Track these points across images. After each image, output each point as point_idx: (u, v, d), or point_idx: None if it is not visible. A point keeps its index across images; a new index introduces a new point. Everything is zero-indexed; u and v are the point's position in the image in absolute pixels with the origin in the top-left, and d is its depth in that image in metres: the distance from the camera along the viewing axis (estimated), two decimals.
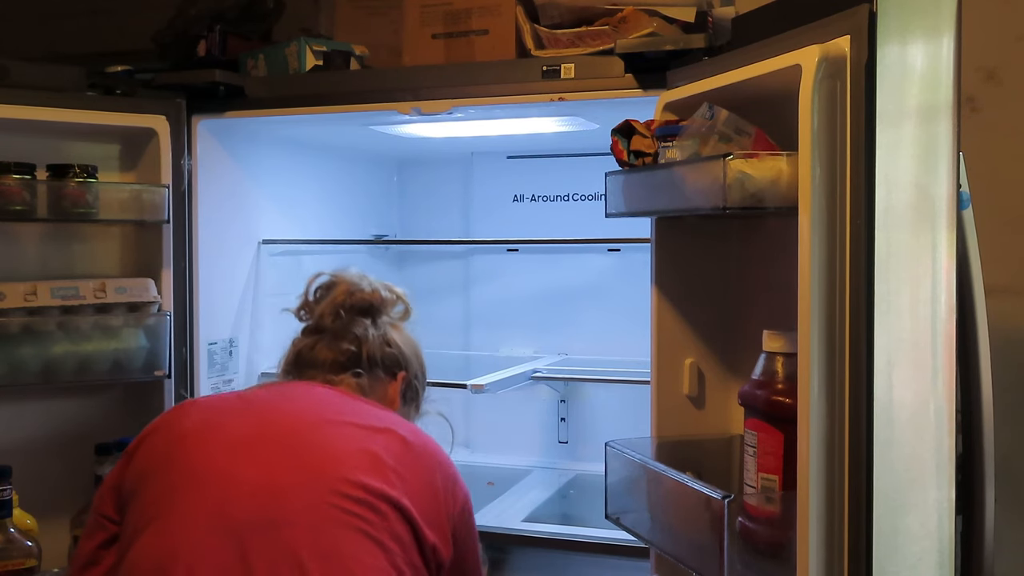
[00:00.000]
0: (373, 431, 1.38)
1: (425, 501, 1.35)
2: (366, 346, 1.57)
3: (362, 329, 1.58)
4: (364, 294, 1.63)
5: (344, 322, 1.59)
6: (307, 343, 1.59)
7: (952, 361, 1.19)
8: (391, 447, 1.36)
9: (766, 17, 1.39)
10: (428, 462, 1.40)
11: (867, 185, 1.17)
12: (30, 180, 1.77)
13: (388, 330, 1.63)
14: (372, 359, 1.57)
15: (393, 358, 1.61)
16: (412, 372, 1.64)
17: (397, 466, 1.34)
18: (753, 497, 1.34)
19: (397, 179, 2.75)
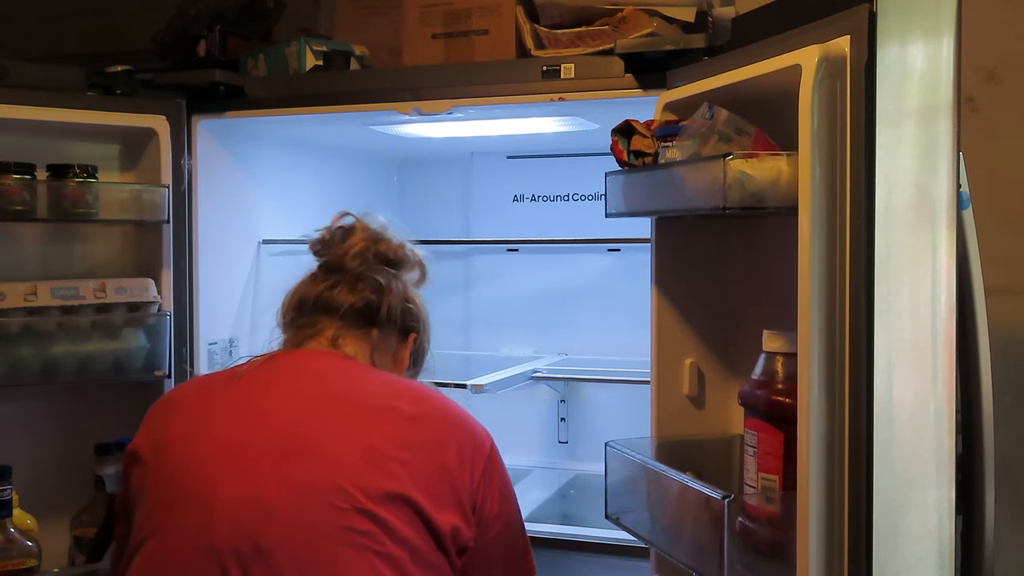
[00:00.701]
0: (372, 413, 1.28)
1: (435, 481, 1.24)
2: (388, 297, 1.45)
3: (386, 278, 1.47)
4: (391, 245, 1.52)
5: (368, 267, 1.48)
6: (326, 283, 1.46)
7: (952, 361, 1.19)
8: (391, 430, 1.26)
9: (766, 17, 1.39)
10: (436, 435, 1.29)
11: (867, 185, 1.17)
12: (30, 180, 1.77)
13: (408, 287, 1.53)
14: (391, 313, 1.45)
15: (411, 315, 1.50)
16: (423, 336, 1.55)
17: (398, 452, 1.23)
18: (753, 497, 1.34)
19: (397, 179, 2.75)
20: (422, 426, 1.29)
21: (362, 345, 1.44)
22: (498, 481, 1.33)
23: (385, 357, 1.47)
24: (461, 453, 1.28)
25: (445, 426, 1.31)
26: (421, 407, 1.31)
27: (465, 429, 1.32)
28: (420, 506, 1.21)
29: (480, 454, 1.31)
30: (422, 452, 1.26)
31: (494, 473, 1.33)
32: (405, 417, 1.28)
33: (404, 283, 1.51)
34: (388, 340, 1.47)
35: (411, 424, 1.28)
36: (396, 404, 1.30)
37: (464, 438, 1.30)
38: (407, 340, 1.51)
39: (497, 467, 1.34)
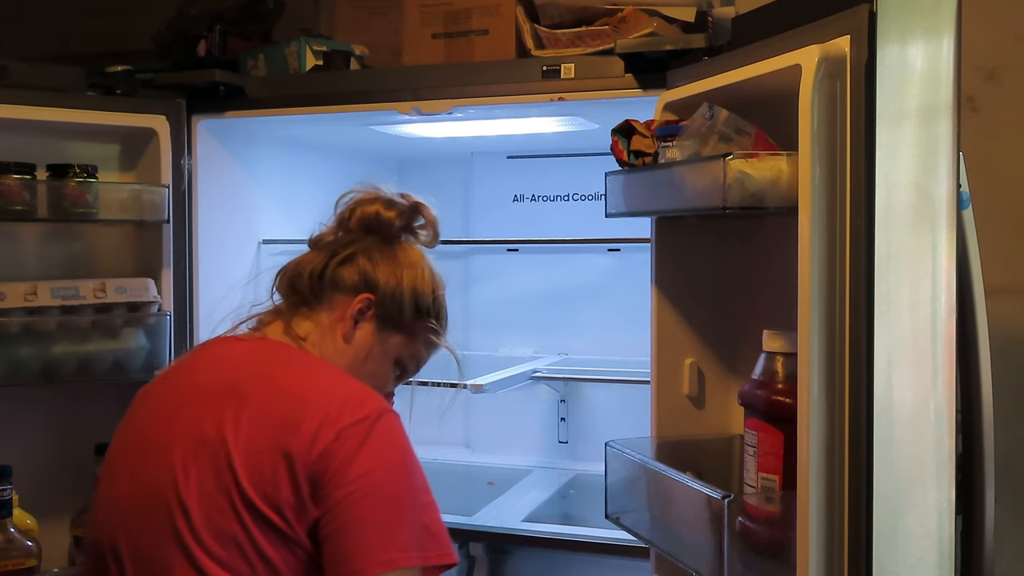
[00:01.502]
0: (216, 399, 1.21)
1: (265, 462, 1.14)
2: (329, 268, 1.36)
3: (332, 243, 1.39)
4: (368, 207, 1.41)
5: (341, 240, 1.41)
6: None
7: (952, 361, 1.19)
8: (226, 416, 1.18)
9: (766, 17, 1.39)
10: (278, 413, 1.18)
11: (867, 185, 1.17)
12: (30, 180, 1.77)
13: (375, 251, 1.38)
14: (334, 280, 1.35)
15: (358, 279, 1.36)
16: (384, 294, 1.35)
17: (226, 437, 1.16)
18: (753, 497, 1.34)
19: (397, 179, 2.74)
20: (262, 406, 1.19)
21: (304, 324, 1.35)
22: (362, 451, 1.15)
23: (325, 324, 1.35)
24: (309, 420, 1.16)
25: (293, 403, 1.19)
26: (270, 384, 1.23)
27: (320, 402, 1.19)
28: (246, 494, 1.13)
29: (335, 424, 1.16)
30: (253, 434, 1.17)
31: (354, 442, 1.15)
32: (243, 399, 1.19)
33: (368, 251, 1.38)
34: (330, 308, 1.36)
35: (248, 405, 1.19)
36: (245, 388, 1.21)
37: (317, 411, 1.17)
38: (353, 300, 1.35)
39: (366, 438, 1.16)
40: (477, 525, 2.01)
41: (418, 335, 1.39)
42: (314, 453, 1.13)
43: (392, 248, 1.40)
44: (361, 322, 1.35)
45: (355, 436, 1.15)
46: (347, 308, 1.34)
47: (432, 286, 1.40)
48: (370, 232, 1.40)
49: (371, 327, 1.36)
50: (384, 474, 1.16)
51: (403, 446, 1.20)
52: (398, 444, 1.20)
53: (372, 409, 1.19)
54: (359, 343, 1.35)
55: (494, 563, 2.06)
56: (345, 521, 1.13)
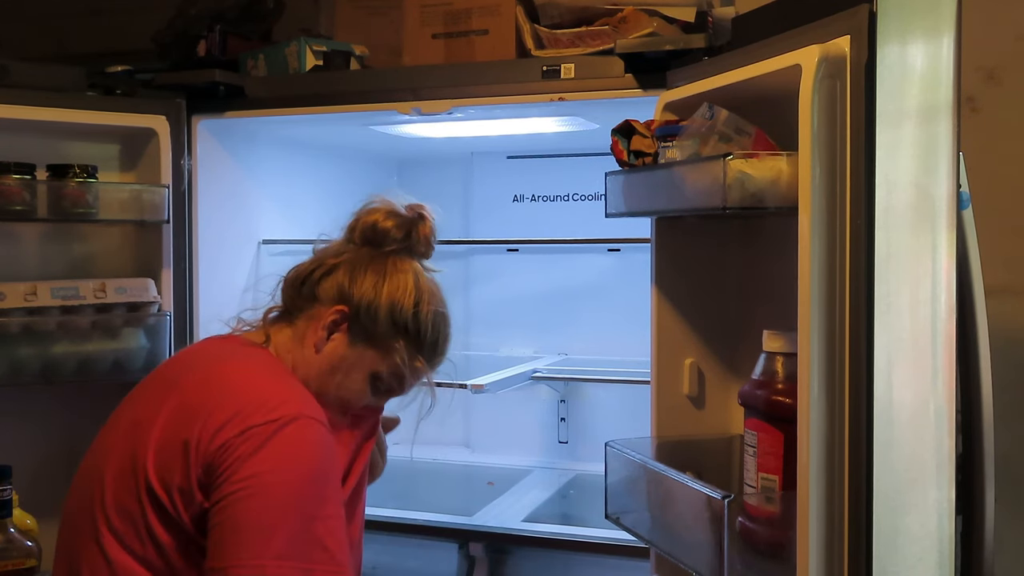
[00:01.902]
0: (156, 392, 1.27)
1: (169, 448, 1.17)
2: (304, 274, 1.37)
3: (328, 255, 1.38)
4: (370, 216, 1.41)
5: (335, 249, 1.40)
6: None
7: (952, 361, 1.19)
8: (152, 403, 1.24)
9: (766, 17, 1.39)
10: (195, 402, 1.20)
11: (867, 185, 1.17)
12: (30, 180, 1.77)
13: (363, 263, 1.37)
14: (313, 290, 1.36)
15: (335, 291, 1.34)
16: (359, 306, 1.33)
17: (146, 423, 1.21)
18: (753, 497, 1.34)
19: (397, 179, 2.74)
20: (187, 394, 1.22)
21: (284, 331, 1.37)
22: (261, 451, 1.14)
23: (300, 338, 1.35)
24: (217, 420, 1.16)
25: (214, 395, 1.20)
26: (204, 375, 1.25)
27: (239, 397, 1.19)
28: (148, 475, 1.17)
29: (245, 421, 1.15)
30: (171, 419, 1.20)
31: (256, 441, 1.14)
32: (177, 387, 1.24)
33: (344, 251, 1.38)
34: (307, 320, 1.36)
35: (177, 392, 1.23)
36: (183, 378, 1.26)
37: (231, 405, 1.17)
38: (329, 311, 1.34)
39: (269, 439, 1.14)
40: (477, 525, 2.01)
41: (394, 352, 1.35)
42: (214, 444, 1.14)
43: (383, 260, 1.37)
44: (334, 333, 1.34)
45: (259, 436, 1.14)
46: (322, 319, 1.33)
47: (415, 300, 1.35)
48: (367, 243, 1.40)
49: (344, 339, 1.34)
50: (276, 477, 1.13)
51: (309, 454, 1.17)
52: (304, 451, 1.16)
53: (286, 412, 1.17)
54: (329, 354, 1.34)
55: (494, 563, 2.06)
56: (225, 516, 1.12)
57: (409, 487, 2.40)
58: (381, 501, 2.17)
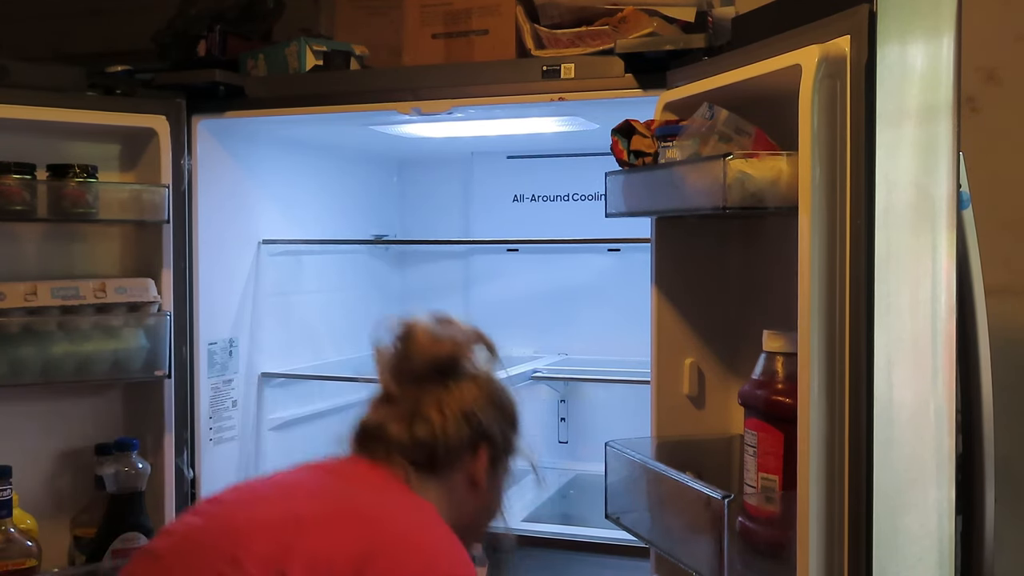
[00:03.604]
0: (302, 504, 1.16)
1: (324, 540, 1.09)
2: (440, 437, 1.27)
3: (436, 407, 1.29)
4: (438, 347, 1.32)
5: (414, 393, 1.30)
6: (373, 415, 1.31)
7: (952, 361, 1.19)
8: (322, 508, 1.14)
9: (766, 17, 1.39)
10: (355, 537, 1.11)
11: (867, 185, 1.17)
12: (30, 180, 1.77)
13: (466, 394, 1.31)
14: (448, 453, 1.28)
15: (468, 435, 1.29)
16: (497, 438, 1.33)
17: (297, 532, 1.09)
18: (753, 497, 1.34)
19: (397, 179, 2.75)
20: (366, 518, 1.15)
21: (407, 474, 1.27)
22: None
23: (447, 490, 1.29)
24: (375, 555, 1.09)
25: (375, 538, 1.13)
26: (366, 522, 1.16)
27: (406, 553, 1.12)
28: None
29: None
30: (337, 525, 1.12)
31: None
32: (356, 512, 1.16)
33: (462, 394, 1.31)
34: (452, 473, 1.29)
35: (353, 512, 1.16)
36: (348, 505, 1.18)
37: (413, 564, 1.11)
38: (476, 456, 1.31)
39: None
40: None
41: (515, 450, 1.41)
42: None
43: (465, 382, 1.35)
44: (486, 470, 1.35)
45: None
46: (470, 464, 1.31)
47: (508, 394, 1.40)
48: (440, 374, 1.34)
49: (490, 471, 1.35)
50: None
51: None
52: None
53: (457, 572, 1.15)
54: (485, 492, 1.35)
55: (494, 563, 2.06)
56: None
57: None
58: None
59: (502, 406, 1.36)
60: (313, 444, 2.38)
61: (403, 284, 2.74)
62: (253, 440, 2.21)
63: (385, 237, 2.66)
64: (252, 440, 2.20)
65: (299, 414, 2.35)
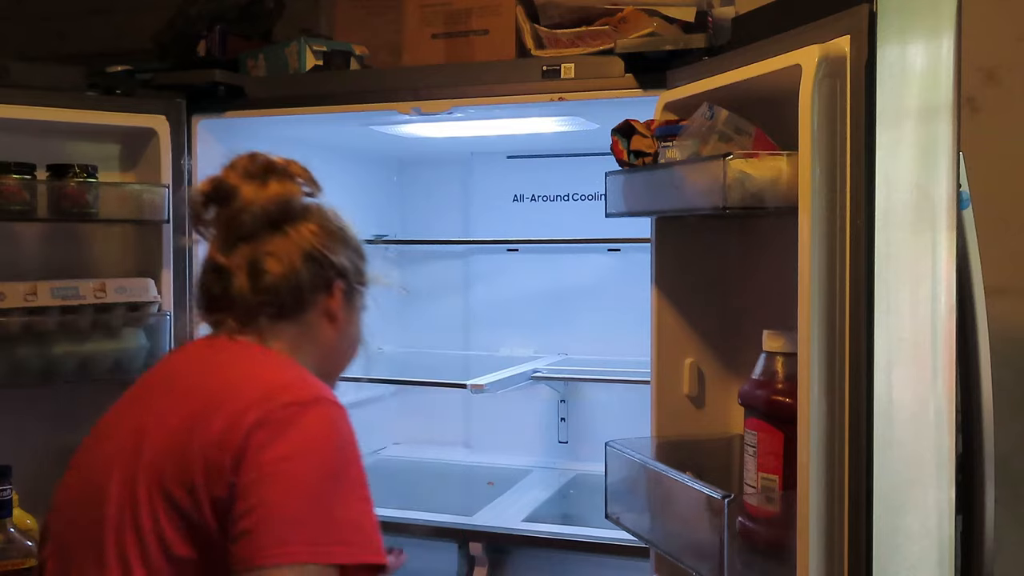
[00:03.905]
0: (162, 397, 1.18)
1: (184, 425, 1.10)
2: (284, 286, 1.23)
3: (275, 258, 1.24)
4: (259, 203, 1.26)
5: (249, 252, 1.24)
6: (206, 276, 1.26)
7: (952, 361, 1.19)
8: (164, 409, 1.15)
9: (766, 17, 1.39)
10: (201, 406, 1.11)
11: (867, 185, 1.17)
12: (30, 180, 1.77)
13: (305, 236, 1.26)
14: (297, 298, 1.24)
15: (319, 274, 1.26)
16: (348, 271, 1.30)
17: (161, 433, 1.12)
18: (753, 497, 1.34)
19: (397, 179, 2.75)
20: (194, 395, 1.15)
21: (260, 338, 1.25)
22: (285, 435, 1.07)
23: (300, 333, 1.27)
24: (234, 410, 1.09)
25: (226, 389, 1.13)
26: (205, 373, 1.18)
27: (252, 387, 1.12)
28: (165, 485, 1.09)
29: (264, 406, 1.09)
30: (183, 422, 1.12)
31: (280, 425, 1.08)
32: (171, 390, 1.18)
33: (301, 240, 1.26)
34: (305, 315, 1.26)
35: (177, 395, 1.16)
36: (186, 381, 1.19)
37: (247, 395, 1.11)
38: (331, 292, 1.28)
39: (293, 422, 1.08)
40: (477, 525, 2.01)
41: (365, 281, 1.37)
42: (236, 435, 1.06)
43: (304, 220, 1.32)
44: (343, 308, 1.32)
45: (281, 419, 1.08)
46: (325, 305, 1.29)
47: (347, 225, 1.36)
48: (275, 222, 1.30)
49: (346, 307, 1.32)
50: (302, 461, 1.07)
51: (335, 436, 1.11)
52: (329, 433, 1.11)
53: (307, 395, 1.12)
54: (344, 330, 1.33)
55: (494, 563, 2.06)
56: (250, 507, 1.04)
57: (409, 487, 2.40)
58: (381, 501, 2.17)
59: (344, 237, 1.31)
60: None
61: (403, 284, 2.74)
62: None
63: (385, 237, 2.66)
64: None
65: None
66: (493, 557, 2.06)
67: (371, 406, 2.61)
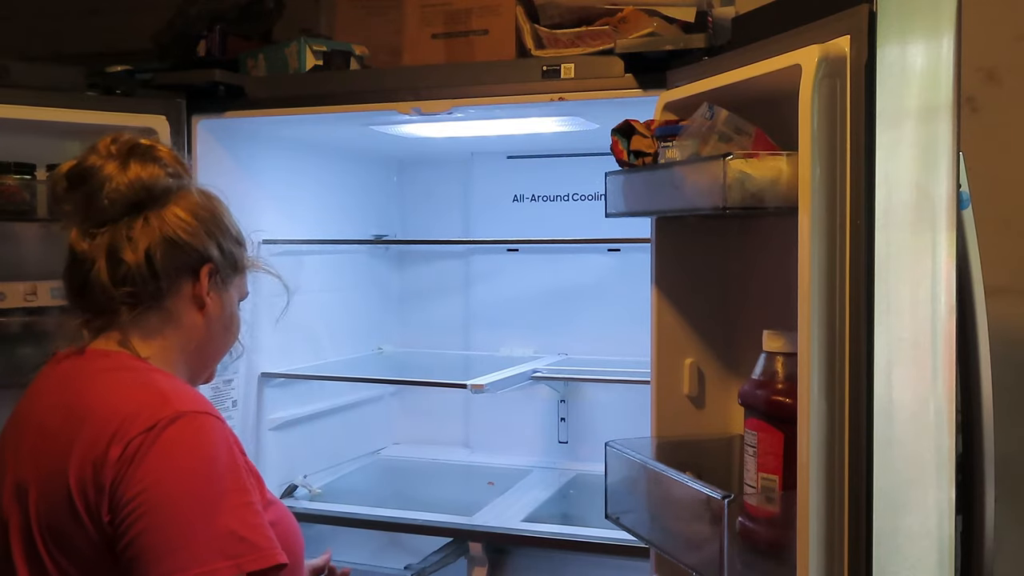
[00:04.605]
0: (24, 438, 1.17)
1: (55, 493, 1.08)
2: (138, 274, 1.18)
3: (131, 244, 1.18)
4: (119, 185, 1.19)
5: (109, 238, 1.19)
6: (67, 267, 1.22)
7: (952, 361, 1.19)
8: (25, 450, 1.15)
9: (766, 17, 1.39)
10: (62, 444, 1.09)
11: (867, 185, 1.17)
12: (30, 180, 1.77)
13: (167, 220, 1.21)
14: (153, 286, 1.19)
15: (182, 261, 1.22)
16: (216, 256, 1.25)
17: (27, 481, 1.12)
18: (753, 497, 1.34)
19: (397, 179, 2.75)
20: (55, 442, 1.12)
21: (118, 340, 1.21)
22: (144, 463, 1.05)
23: (165, 318, 1.23)
24: (94, 450, 1.07)
25: (83, 426, 1.10)
26: (57, 415, 1.14)
27: (105, 419, 1.09)
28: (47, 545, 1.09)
29: (121, 439, 1.06)
30: (45, 470, 1.11)
31: (138, 454, 1.05)
32: (41, 434, 1.15)
33: (162, 227, 1.20)
34: (167, 303, 1.22)
35: (49, 442, 1.13)
36: (43, 418, 1.16)
37: (102, 430, 1.08)
38: (199, 280, 1.24)
39: (152, 448, 1.06)
40: (477, 525, 2.01)
41: (244, 266, 1.35)
42: (103, 476, 1.05)
43: (170, 204, 1.25)
44: (211, 293, 1.28)
45: (138, 448, 1.05)
46: (191, 289, 1.26)
47: (222, 210, 1.31)
48: (137, 206, 1.24)
49: (217, 291, 1.29)
50: (167, 486, 1.05)
51: (197, 450, 1.08)
52: (190, 449, 1.07)
53: (162, 414, 1.08)
54: (216, 314, 1.29)
55: (494, 563, 2.06)
56: (129, 545, 1.03)
57: (409, 487, 2.40)
58: (382, 501, 2.18)
59: (215, 220, 1.26)
60: (313, 444, 2.39)
61: (403, 284, 2.75)
62: (253, 440, 2.20)
63: (385, 237, 2.66)
64: (252, 440, 2.20)
65: (299, 414, 2.35)
66: (493, 557, 2.06)
67: (371, 406, 2.61)
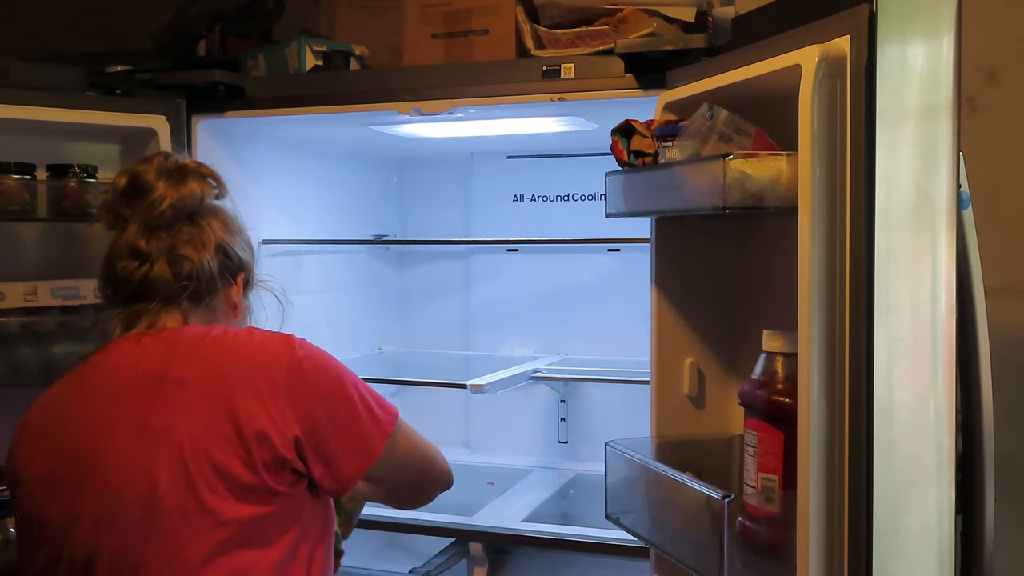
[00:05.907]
0: (149, 392, 1.26)
1: (210, 416, 1.20)
2: (202, 271, 1.35)
3: (192, 246, 1.36)
4: (178, 197, 1.37)
5: (168, 240, 1.35)
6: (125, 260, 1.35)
7: (952, 361, 1.19)
8: (173, 400, 1.24)
9: (766, 17, 1.39)
10: (215, 387, 1.23)
11: (867, 185, 1.17)
12: (30, 180, 1.77)
13: (216, 230, 1.39)
14: (211, 283, 1.36)
15: (229, 266, 1.40)
16: (249, 265, 1.45)
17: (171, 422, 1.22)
18: (753, 497, 1.34)
19: (397, 179, 2.75)
20: (200, 391, 1.24)
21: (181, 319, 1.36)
22: (309, 388, 1.25)
23: (211, 313, 1.39)
24: (252, 365, 1.24)
25: (219, 373, 1.25)
26: (190, 367, 1.26)
27: (241, 365, 1.25)
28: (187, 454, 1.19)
29: (268, 377, 1.23)
30: (196, 410, 1.22)
31: (298, 385, 1.24)
32: (162, 385, 1.25)
33: (214, 232, 1.38)
34: (214, 300, 1.39)
35: (174, 388, 1.24)
36: (171, 374, 1.26)
37: (257, 365, 1.25)
38: (236, 284, 1.42)
39: (301, 375, 1.25)
40: (477, 525, 2.01)
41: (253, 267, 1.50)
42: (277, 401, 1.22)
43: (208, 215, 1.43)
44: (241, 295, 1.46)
45: (299, 370, 1.25)
46: (230, 291, 1.43)
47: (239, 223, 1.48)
48: (188, 217, 1.41)
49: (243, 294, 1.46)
50: (332, 383, 1.28)
51: (329, 358, 1.32)
52: (325, 355, 1.31)
53: (291, 342, 1.28)
54: (243, 314, 1.47)
55: (494, 563, 2.06)
56: (324, 439, 1.24)
57: None
58: None
59: (244, 236, 1.46)
60: None
61: (403, 284, 2.75)
62: None
63: (385, 237, 2.66)
64: None
65: None
66: (493, 557, 2.06)
67: None
